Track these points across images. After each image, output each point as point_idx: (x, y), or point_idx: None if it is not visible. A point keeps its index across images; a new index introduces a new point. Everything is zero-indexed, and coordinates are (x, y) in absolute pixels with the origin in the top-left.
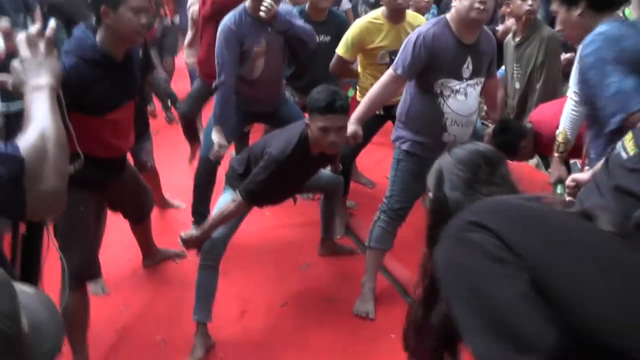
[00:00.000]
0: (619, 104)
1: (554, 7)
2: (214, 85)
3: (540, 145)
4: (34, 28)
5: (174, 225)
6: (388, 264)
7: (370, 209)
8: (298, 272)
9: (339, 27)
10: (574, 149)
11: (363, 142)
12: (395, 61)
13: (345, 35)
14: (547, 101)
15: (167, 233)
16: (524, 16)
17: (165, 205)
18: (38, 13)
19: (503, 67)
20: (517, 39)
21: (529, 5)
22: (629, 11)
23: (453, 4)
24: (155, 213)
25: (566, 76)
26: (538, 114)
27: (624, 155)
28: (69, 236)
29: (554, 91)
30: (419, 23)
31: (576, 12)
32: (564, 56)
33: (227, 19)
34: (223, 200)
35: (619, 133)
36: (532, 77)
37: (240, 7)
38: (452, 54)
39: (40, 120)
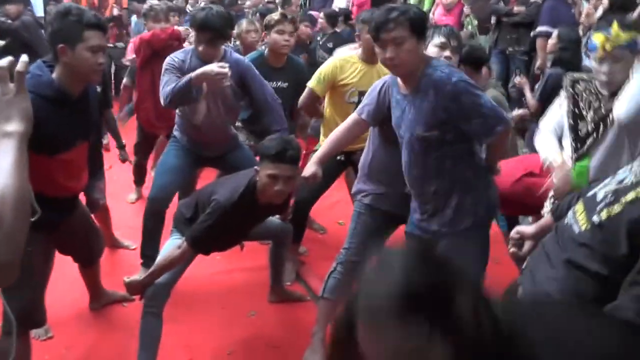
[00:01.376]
0: (497, 116)
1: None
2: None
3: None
4: (4, 61)
5: (123, 266)
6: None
7: (320, 256)
8: (246, 318)
9: (297, 73)
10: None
11: (322, 187)
12: (360, 105)
13: (318, 70)
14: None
15: (116, 274)
16: None
17: (114, 244)
18: None
19: None
20: None
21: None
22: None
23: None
24: (104, 253)
25: (522, 133)
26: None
27: (575, 228)
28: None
29: (513, 149)
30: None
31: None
32: (516, 112)
33: (175, 54)
34: (169, 245)
35: None
36: None
37: (189, 48)
38: None
39: (1, 179)
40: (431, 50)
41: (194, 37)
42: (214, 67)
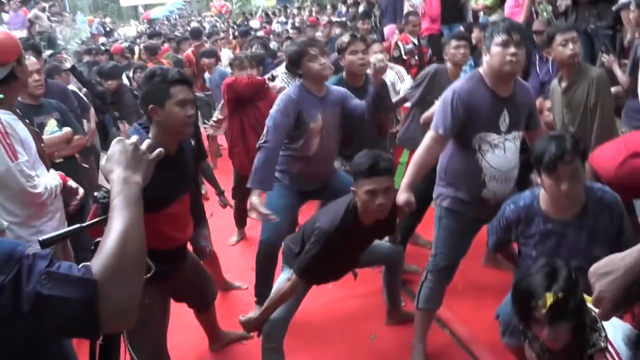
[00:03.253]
0: None
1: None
2: (257, 145)
3: None
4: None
5: (238, 306)
6: (443, 316)
7: None
8: (368, 343)
9: None
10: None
11: (422, 209)
12: (434, 122)
13: None
14: (605, 141)
15: (232, 315)
16: (568, 61)
17: (226, 287)
18: (92, 113)
19: None
20: (564, 84)
21: (571, 50)
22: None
23: (484, 58)
24: (218, 296)
25: (617, 113)
26: (597, 157)
27: None
28: (137, 332)
29: (610, 130)
30: None
31: None
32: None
33: (288, 90)
34: (280, 280)
35: None
36: (585, 119)
37: (298, 83)
38: (489, 107)
39: (124, 222)
40: (494, 50)
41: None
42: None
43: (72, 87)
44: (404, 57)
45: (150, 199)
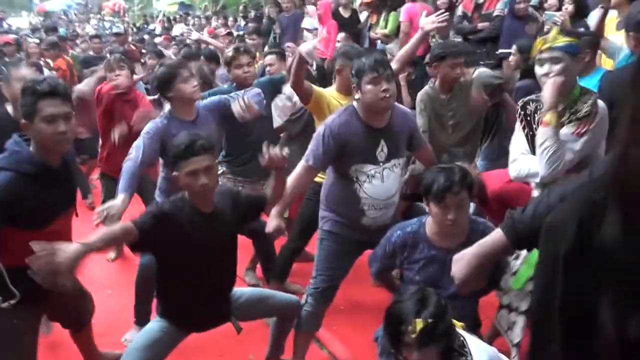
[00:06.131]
0: None
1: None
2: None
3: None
4: None
5: (117, 324)
6: (322, 337)
7: None
8: None
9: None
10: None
11: (308, 233)
12: (307, 152)
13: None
14: None
15: (110, 334)
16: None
17: None
18: None
19: None
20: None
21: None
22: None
23: (355, 95)
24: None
25: None
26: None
27: None
28: (5, 353)
29: None
30: None
31: None
32: None
33: (155, 120)
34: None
35: None
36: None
37: (166, 112)
38: (362, 140)
39: None
40: (366, 88)
41: None
42: None
43: None
44: None
45: (29, 218)
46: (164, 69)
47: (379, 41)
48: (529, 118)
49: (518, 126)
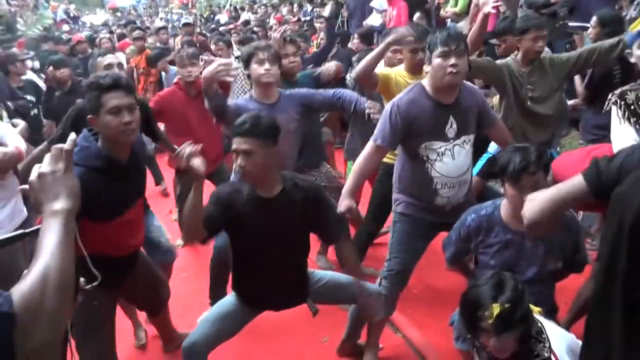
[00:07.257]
0: None
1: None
2: None
3: None
4: (69, 142)
5: (192, 307)
6: (397, 320)
7: None
8: (319, 345)
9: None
10: None
11: (383, 214)
12: (375, 132)
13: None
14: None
15: (186, 316)
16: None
17: None
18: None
19: None
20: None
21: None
22: None
23: (425, 69)
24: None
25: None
26: (560, 162)
27: None
28: (85, 334)
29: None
30: None
31: None
32: (569, 102)
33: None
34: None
35: None
36: None
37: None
38: (431, 117)
39: (45, 260)
40: (435, 62)
41: None
42: None
43: (32, 76)
44: None
45: (101, 211)
46: (247, 48)
47: (449, 20)
48: (632, 107)
49: (618, 119)
